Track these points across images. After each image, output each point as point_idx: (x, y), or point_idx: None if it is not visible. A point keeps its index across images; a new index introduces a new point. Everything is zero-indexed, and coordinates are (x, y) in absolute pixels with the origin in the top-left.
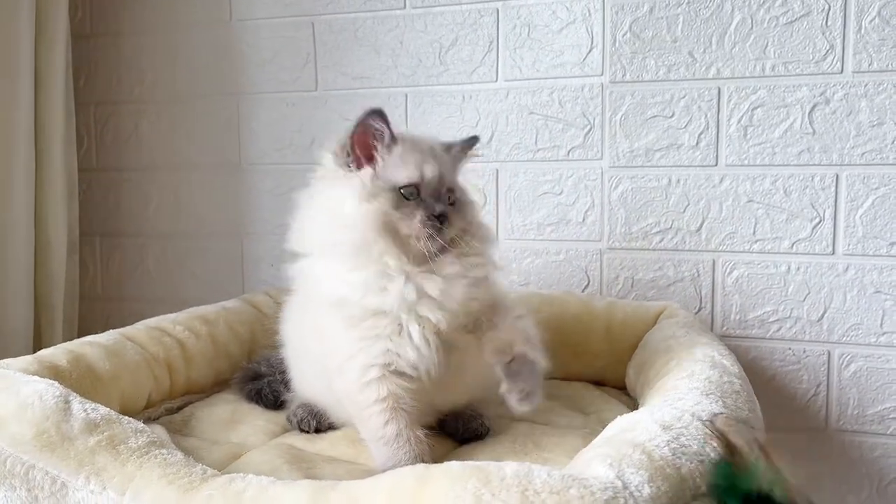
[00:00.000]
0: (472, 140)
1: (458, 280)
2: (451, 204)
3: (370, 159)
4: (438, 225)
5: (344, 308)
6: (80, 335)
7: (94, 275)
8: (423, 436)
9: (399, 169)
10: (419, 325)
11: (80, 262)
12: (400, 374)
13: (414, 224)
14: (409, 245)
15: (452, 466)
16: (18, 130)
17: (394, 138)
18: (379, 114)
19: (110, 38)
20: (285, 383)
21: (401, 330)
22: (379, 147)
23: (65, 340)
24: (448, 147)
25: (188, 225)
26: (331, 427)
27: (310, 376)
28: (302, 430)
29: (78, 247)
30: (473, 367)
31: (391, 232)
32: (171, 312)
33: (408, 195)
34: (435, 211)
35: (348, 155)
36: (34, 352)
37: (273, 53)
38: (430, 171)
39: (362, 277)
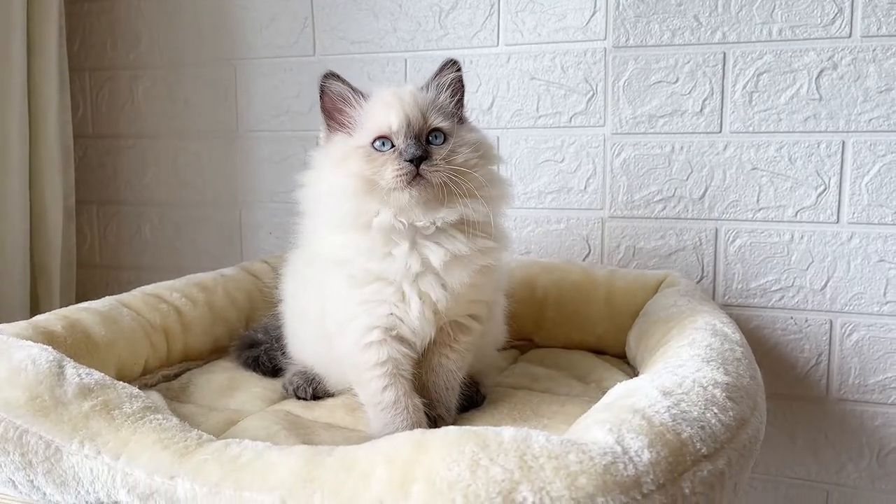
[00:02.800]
0: (445, 64)
1: (464, 262)
2: (443, 143)
3: (344, 123)
4: (413, 168)
5: (347, 268)
6: (77, 302)
7: (91, 242)
8: (420, 404)
9: (368, 124)
10: (420, 299)
11: (77, 230)
12: (401, 339)
13: (387, 174)
14: (395, 198)
15: (450, 432)
16: (12, 97)
17: (362, 95)
18: (333, 75)
19: (104, 2)
20: (282, 351)
21: (404, 297)
22: (347, 109)
23: (62, 307)
24: (426, 85)
25: (186, 192)
26: (327, 394)
27: (307, 338)
28: (299, 398)
29: (75, 214)
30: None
31: (373, 189)
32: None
33: (380, 148)
34: (406, 155)
35: (327, 125)
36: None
37: (270, 18)
38: (396, 118)
39: (366, 241)
